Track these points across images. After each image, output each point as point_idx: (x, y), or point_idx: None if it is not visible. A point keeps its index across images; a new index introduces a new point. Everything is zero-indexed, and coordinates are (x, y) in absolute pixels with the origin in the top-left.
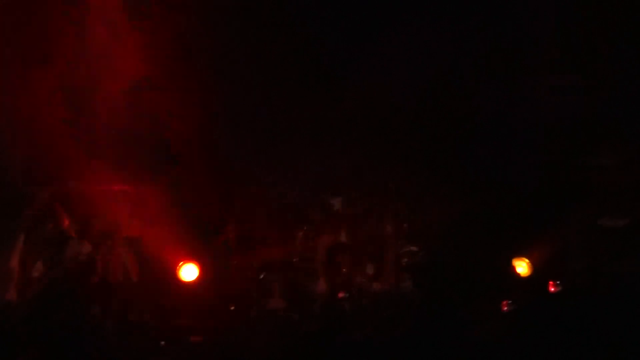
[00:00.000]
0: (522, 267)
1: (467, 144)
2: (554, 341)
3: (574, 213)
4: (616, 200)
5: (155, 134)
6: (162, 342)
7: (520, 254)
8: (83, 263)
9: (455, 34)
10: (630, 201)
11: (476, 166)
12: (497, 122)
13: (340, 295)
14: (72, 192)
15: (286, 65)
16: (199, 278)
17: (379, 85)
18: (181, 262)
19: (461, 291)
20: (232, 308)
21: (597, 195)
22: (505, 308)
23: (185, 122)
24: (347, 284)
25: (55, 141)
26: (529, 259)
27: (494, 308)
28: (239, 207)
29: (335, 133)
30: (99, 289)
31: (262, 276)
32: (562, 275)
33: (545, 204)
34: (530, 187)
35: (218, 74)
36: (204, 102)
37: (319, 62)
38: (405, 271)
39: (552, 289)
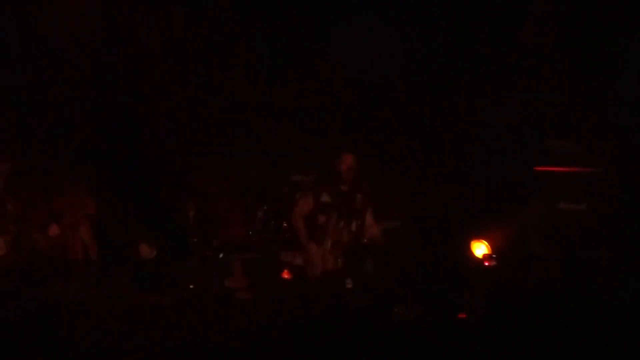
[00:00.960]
0: (480, 248)
1: (429, 125)
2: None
3: (533, 196)
4: (575, 185)
5: (114, 111)
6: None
7: (479, 237)
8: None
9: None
10: (589, 186)
11: (438, 148)
12: (458, 105)
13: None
14: (33, 168)
15: (249, 42)
16: (157, 256)
17: (342, 64)
18: (140, 240)
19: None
20: (191, 287)
21: (557, 179)
22: (487, 263)
23: (145, 98)
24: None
25: (15, 116)
26: (487, 241)
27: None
28: (199, 185)
29: (298, 111)
30: (59, 266)
31: (221, 255)
32: (521, 258)
33: (506, 187)
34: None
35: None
36: (165, 78)
37: (282, 39)
38: (366, 251)
39: (487, 263)
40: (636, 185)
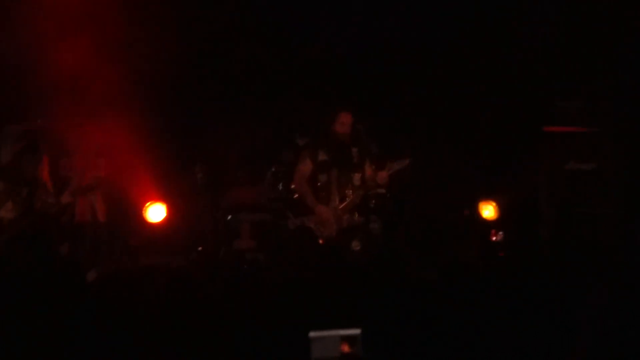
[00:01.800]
0: (488, 210)
1: (433, 90)
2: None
3: (540, 157)
4: (583, 145)
5: (125, 75)
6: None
7: (486, 198)
8: (52, 203)
9: None
10: (597, 145)
11: (444, 110)
12: (465, 64)
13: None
14: (41, 130)
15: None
16: (166, 219)
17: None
18: (148, 203)
19: (428, 234)
20: (200, 249)
21: (564, 140)
22: (494, 238)
23: (154, 62)
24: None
25: (22, 79)
26: (495, 202)
27: (459, 251)
28: (207, 148)
29: (304, 76)
30: (67, 229)
31: (230, 217)
32: (528, 219)
33: (512, 148)
34: (498, 130)
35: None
36: (174, 44)
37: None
38: (373, 213)
39: (494, 238)
40: None
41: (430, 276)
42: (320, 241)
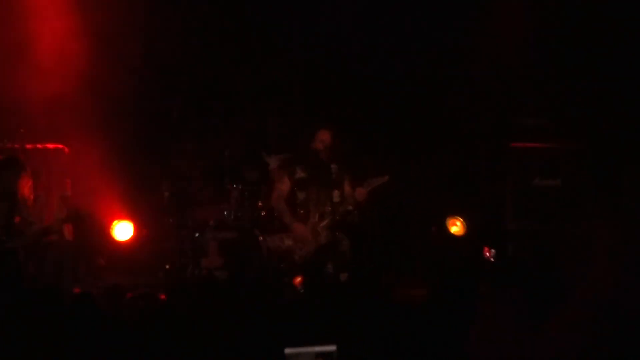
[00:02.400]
0: (456, 226)
1: (399, 105)
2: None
3: (507, 174)
4: (548, 161)
5: (90, 94)
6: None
7: (454, 214)
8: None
9: None
10: (563, 162)
11: (411, 127)
12: (431, 81)
13: (276, 254)
14: (5, 151)
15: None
16: (133, 237)
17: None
18: (115, 221)
19: (395, 251)
20: (167, 267)
21: (530, 156)
22: (488, 254)
23: (120, 81)
24: (281, 243)
25: None
26: (463, 218)
27: (427, 268)
28: (174, 166)
29: (271, 93)
30: (33, 247)
31: (197, 235)
32: (495, 235)
33: (480, 165)
34: (465, 147)
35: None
36: (140, 62)
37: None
38: (341, 229)
39: (487, 254)
40: (608, 159)
41: (402, 292)
42: (297, 258)
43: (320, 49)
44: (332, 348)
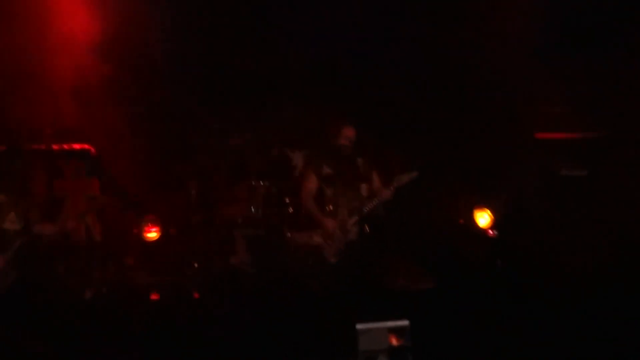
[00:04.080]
0: (483, 218)
1: (423, 98)
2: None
3: (535, 164)
4: (576, 151)
5: (114, 94)
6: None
7: (481, 205)
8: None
9: None
10: (589, 152)
11: (436, 120)
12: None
13: (303, 250)
14: (34, 152)
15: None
16: (161, 236)
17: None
18: (143, 220)
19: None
20: (196, 265)
21: (558, 147)
22: (490, 233)
23: (144, 81)
24: (310, 240)
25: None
26: (490, 210)
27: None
28: (200, 164)
29: (294, 89)
30: (62, 248)
31: (224, 232)
32: (523, 226)
33: (507, 156)
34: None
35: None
36: (164, 62)
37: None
38: (369, 225)
39: (490, 233)
40: (635, 149)
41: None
42: (326, 255)
43: (343, 44)
44: (405, 323)
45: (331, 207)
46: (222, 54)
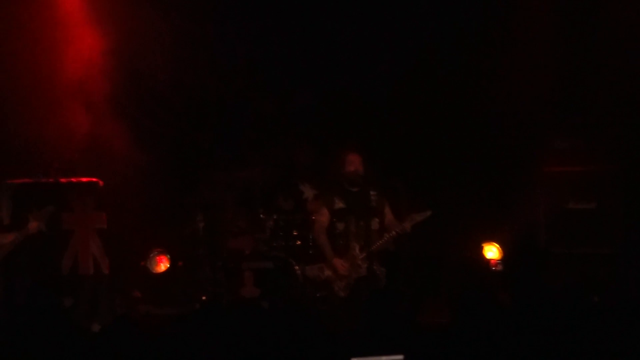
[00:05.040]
0: (492, 251)
1: (432, 130)
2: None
3: (542, 198)
4: (584, 184)
5: (122, 127)
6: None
7: (490, 239)
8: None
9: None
10: (597, 185)
11: (444, 153)
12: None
13: (313, 284)
14: (41, 185)
15: (251, 52)
16: (168, 268)
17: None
18: (150, 253)
19: (432, 278)
20: (204, 298)
21: (565, 180)
22: (494, 268)
23: (151, 114)
24: (320, 273)
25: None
26: (499, 243)
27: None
28: (207, 196)
29: (303, 121)
30: (70, 281)
31: (232, 265)
32: (532, 258)
33: (515, 189)
34: (499, 172)
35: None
36: (171, 94)
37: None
38: (379, 259)
39: (494, 268)
40: None
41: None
42: (336, 289)
43: (348, 72)
44: (399, 357)
45: (341, 242)
46: (228, 88)
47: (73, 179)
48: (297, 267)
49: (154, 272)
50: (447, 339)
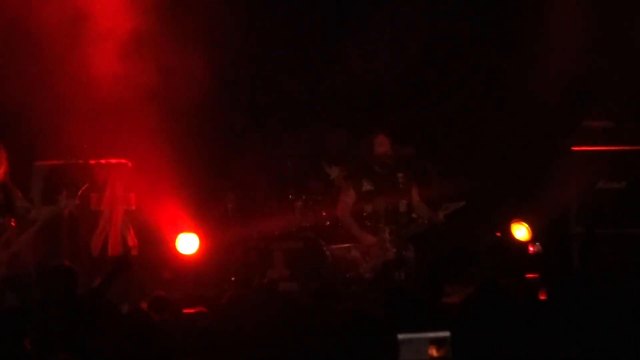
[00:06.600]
0: (521, 231)
1: (461, 110)
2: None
3: (570, 177)
4: (612, 164)
5: (152, 108)
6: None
7: (519, 218)
8: (82, 239)
9: None
10: (627, 164)
11: (474, 132)
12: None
13: (342, 264)
14: (71, 167)
15: (282, 34)
16: (198, 250)
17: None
18: (180, 234)
19: (461, 259)
20: (233, 279)
21: (595, 159)
22: (531, 249)
23: (182, 94)
24: (348, 254)
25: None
26: (528, 223)
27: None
28: (238, 177)
29: (334, 103)
30: (99, 263)
31: (262, 246)
32: (561, 238)
33: (544, 169)
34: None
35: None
36: (202, 75)
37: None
38: (407, 240)
39: (531, 249)
40: None
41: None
42: (363, 270)
43: (379, 54)
44: (446, 334)
45: (370, 224)
46: (260, 69)
47: (102, 160)
48: (326, 248)
49: (183, 254)
50: (476, 316)
